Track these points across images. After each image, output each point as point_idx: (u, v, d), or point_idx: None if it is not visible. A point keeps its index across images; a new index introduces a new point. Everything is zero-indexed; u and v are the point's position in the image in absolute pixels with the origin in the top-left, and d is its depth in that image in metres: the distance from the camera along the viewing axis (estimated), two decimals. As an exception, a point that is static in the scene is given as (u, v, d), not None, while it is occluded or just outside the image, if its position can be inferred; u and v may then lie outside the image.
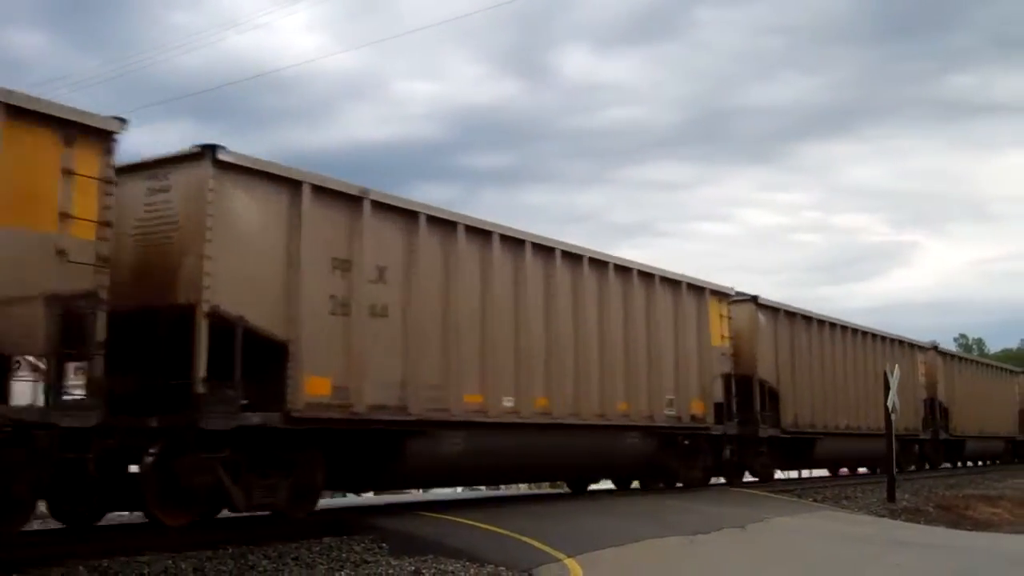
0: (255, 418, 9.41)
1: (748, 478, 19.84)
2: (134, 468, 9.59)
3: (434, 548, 9.36)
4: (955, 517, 17.60)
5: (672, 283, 16.26)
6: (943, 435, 29.30)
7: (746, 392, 18.69)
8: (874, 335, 25.27)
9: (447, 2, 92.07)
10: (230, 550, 8.69)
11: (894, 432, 19.50)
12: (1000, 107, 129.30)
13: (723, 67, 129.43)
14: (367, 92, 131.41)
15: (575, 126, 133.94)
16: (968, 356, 37.06)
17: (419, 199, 11.23)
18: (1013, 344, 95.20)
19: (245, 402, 9.35)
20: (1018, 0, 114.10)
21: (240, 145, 8.28)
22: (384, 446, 10.94)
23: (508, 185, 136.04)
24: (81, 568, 7.55)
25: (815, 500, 17.34)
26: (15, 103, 7.84)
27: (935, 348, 31.35)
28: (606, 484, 18.68)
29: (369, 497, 15.23)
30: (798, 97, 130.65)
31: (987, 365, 37.12)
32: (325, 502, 12.33)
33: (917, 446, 28.03)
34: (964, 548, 12.86)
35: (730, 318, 18.00)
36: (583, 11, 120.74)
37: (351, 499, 12.31)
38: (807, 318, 21.59)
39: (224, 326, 9.19)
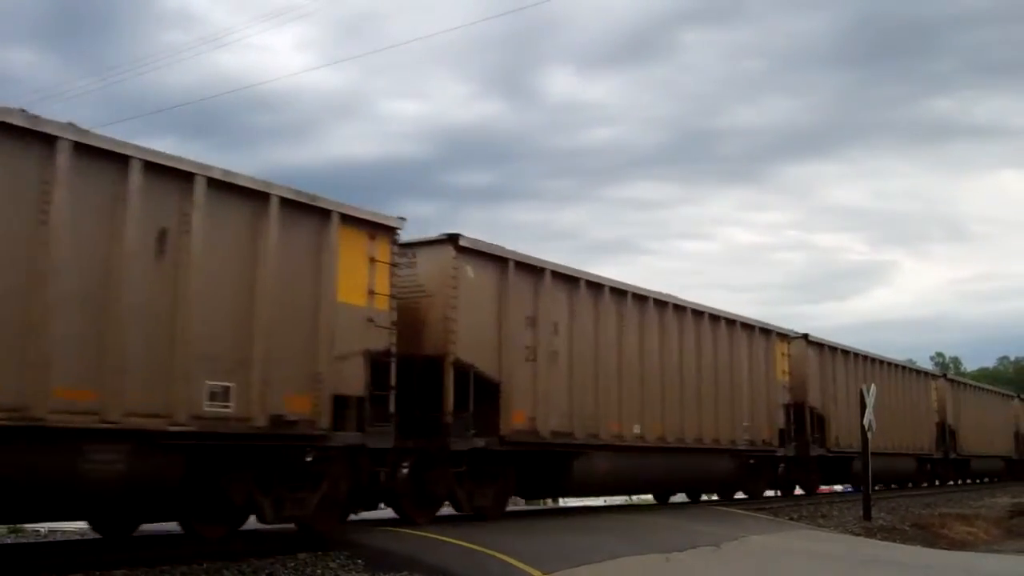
0: (482, 442, 12.37)
1: (798, 491, 23.02)
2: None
3: (409, 565, 9.46)
4: (931, 536, 17.71)
5: (748, 327, 19.32)
6: (952, 455, 32.52)
7: (799, 417, 21.75)
8: (897, 365, 28.50)
9: (434, 23, 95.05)
10: (204, 565, 8.82)
11: (869, 449, 19.76)
12: (978, 130, 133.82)
13: (706, 89, 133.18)
14: (353, 111, 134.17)
15: (558, 145, 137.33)
16: (972, 383, 40.31)
17: (403, 216, 11.81)
18: (989, 363, 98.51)
19: (474, 430, 12.29)
20: (995, 26, 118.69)
21: (226, 162, 9.14)
22: (557, 463, 13.89)
23: (491, 203, 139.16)
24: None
25: (791, 518, 17.53)
26: (346, 212, 10.80)
27: (944, 376, 34.77)
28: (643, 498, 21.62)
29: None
30: (779, 119, 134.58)
31: (987, 391, 40.43)
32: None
33: (929, 464, 31.22)
34: (938, 567, 13.01)
35: (789, 355, 21.08)
36: (569, 33, 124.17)
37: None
38: (845, 352, 24.73)
39: (462, 371, 12.17)
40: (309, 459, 10.71)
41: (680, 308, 17.00)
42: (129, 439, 8.47)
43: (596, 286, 14.84)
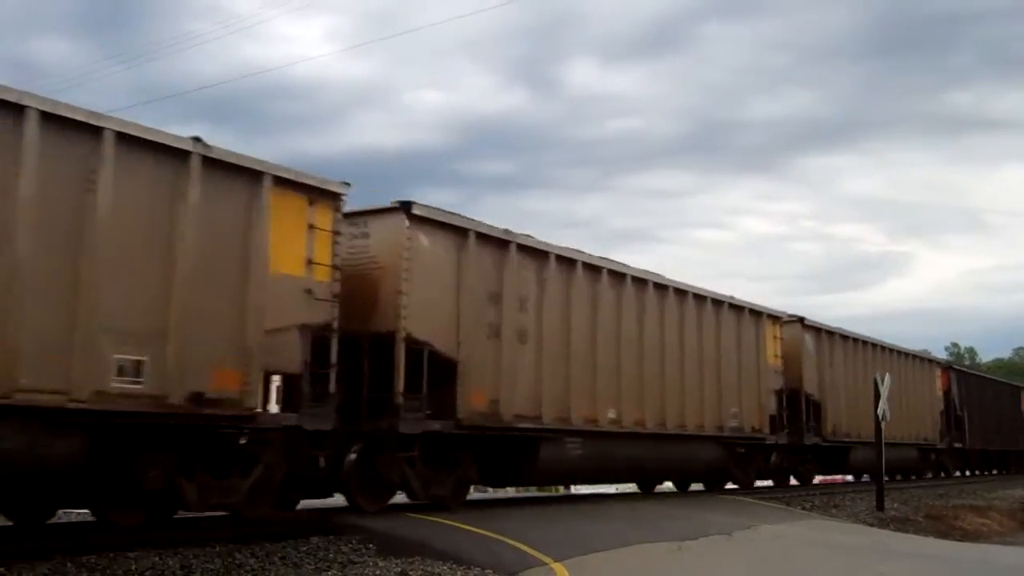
0: (436, 425, 11.53)
1: (793, 481, 22.12)
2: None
3: (421, 550, 9.40)
4: (944, 527, 17.51)
5: (736, 308, 18.38)
6: (958, 445, 31.49)
7: (793, 404, 20.78)
8: (899, 352, 27.45)
9: (459, 12, 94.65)
10: (217, 548, 8.78)
11: (883, 439, 19.33)
12: (996, 123, 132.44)
13: (726, 81, 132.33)
14: (376, 100, 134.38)
15: (579, 136, 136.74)
16: (979, 372, 39.28)
17: (424, 203, 11.54)
18: (1005, 354, 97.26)
19: (429, 412, 11.45)
20: (1014, 21, 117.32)
21: (252, 149, 9.03)
22: (522, 449, 13.04)
23: (510, 191, 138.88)
24: (69, 564, 7.67)
25: (804, 508, 17.27)
26: (279, 174, 9.96)
27: (950, 365, 33.72)
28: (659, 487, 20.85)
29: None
30: (798, 110, 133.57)
31: (996, 381, 39.38)
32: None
33: (934, 455, 30.22)
34: (952, 558, 12.90)
35: (782, 339, 20.13)
36: (593, 25, 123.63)
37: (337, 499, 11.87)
38: (844, 337, 23.72)
39: (415, 349, 11.32)
40: (243, 441, 9.94)
41: (661, 287, 16.10)
42: (17, 416, 7.68)
43: (568, 261, 13.95)
